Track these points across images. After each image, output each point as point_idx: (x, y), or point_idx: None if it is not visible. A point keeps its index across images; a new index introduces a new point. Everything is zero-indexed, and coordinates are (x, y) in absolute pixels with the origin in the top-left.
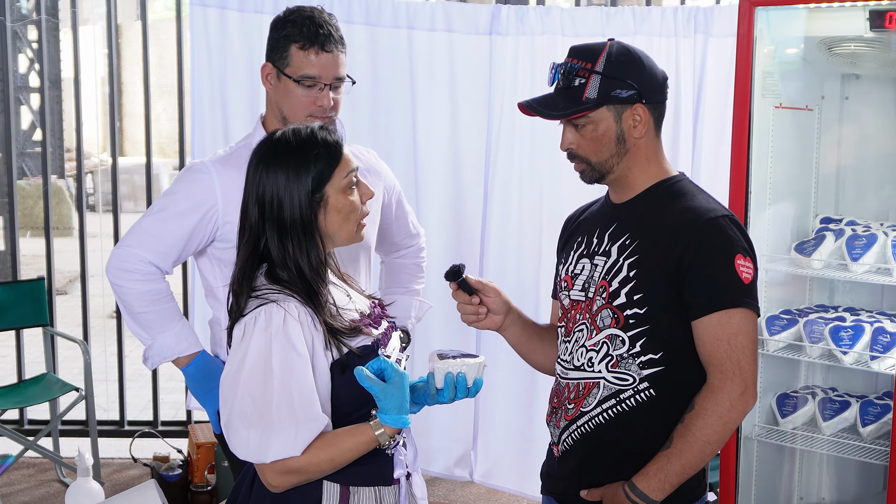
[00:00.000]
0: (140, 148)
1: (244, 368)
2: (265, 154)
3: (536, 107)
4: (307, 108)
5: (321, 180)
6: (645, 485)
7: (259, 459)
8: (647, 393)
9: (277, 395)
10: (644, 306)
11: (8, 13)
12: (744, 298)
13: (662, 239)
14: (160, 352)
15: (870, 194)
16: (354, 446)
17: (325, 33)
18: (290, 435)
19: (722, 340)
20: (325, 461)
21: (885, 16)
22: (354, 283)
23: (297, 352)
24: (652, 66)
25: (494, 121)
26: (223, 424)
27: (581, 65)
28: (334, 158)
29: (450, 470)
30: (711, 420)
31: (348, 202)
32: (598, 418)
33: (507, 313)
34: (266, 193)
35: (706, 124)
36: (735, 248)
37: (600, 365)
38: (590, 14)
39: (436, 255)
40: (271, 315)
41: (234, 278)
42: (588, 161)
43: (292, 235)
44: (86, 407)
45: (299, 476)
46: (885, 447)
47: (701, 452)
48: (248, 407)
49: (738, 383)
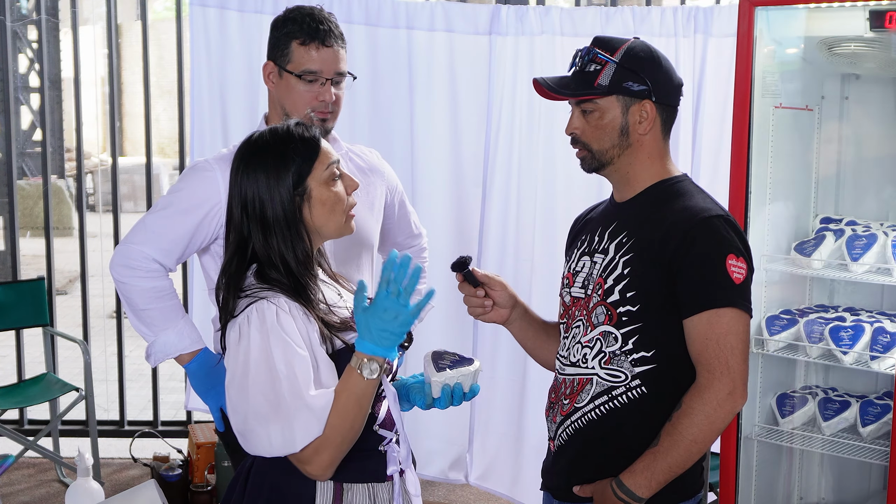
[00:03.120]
0: (140, 148)
1: (249, 371)
2: (244, 156)
3: (549, 83)
4: (309, 104)
5: (301, 175)
6: (631, 482)
7: (289, 450)
8: (639, 390)
9: (286, 386)
10: (637, 304)
11: (8, 13)
12: (734, 298)
13: (657, 237)
14: (163, 349)
15: (870, 194)
16: (349, 388)
17: (326, 29)
18: (309, 418)
19: (711, 340)
20: (335, 418)
21: (885, 16)
22: (346, 282)
23: (294, 343)
24: (669, 70)
25: (494, 121)
26: (239, 431)
27: (601, 52)
28: (312, 152)
29: (444, 473)
30: (698, 419)
31: (332, 193)
32: (591, 414)
33: (513, 307)
34: (248, 195)
35: (706, 124)
36: (727, 247)
37: (594, 361)
38: (589, 14)
39: (434, 254)
40: (263, 312)
41: (218, 278)
42: (589, 148)
43: (276, 232)
44: (86, 407)
45: (328, 449)
46: (885, 447)
47: (687, 451)
48: (262, 407)
49: (726, 383)
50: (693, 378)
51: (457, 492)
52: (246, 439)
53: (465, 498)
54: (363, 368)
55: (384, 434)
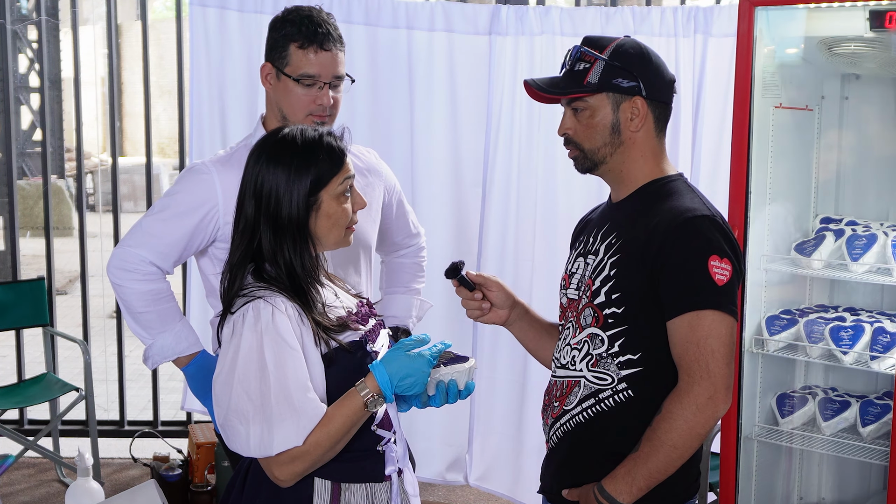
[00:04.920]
0: (140, 148)
1: (237, 367)
2: (269, 148)
3: (539, 84)
4: (307, 107)
5: (318, 184)
6: (612, 487)
7: (264, 453)
8: (626, 394)
9: (274, 388)
10: (622, 306)
11: (8, 13)
12: (717, 300)
13: (642, 237)
14: (160, 352)
15: (870, 194)
16: (347, 414)
17: (324, 32)
18: (291, 425)
19: (691, 343)
20: (323, 438)
21: (885, 16)
22: (342, 282)
23: (288, 345)
24: (660, 65)
25: (493, 121)
26: (219, 424)
27: (589, 50)
28: (336, 165)
29: (442, 475)
30: (677, 424)
31: (340, 210)
32: (579, 417)
33: (513, 308)
34: (264, 188)
35: (706, 124)
36: (710, 248)
37: (581, 364)
38: (589, 14)
39: (434, 254)
40: (259, 311)
41: (226, 266)
42: (581, 147)
43: (287, 234)
44: (86, 407)
45: (304, 462)
46: (885, 447)
47: (667, 457)
48: (244, 404)
49: (706, 387)
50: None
51: (456, 492)
52: (225, 434)
53: (465, 498)
54: (370, 402)
55: (382, 434)
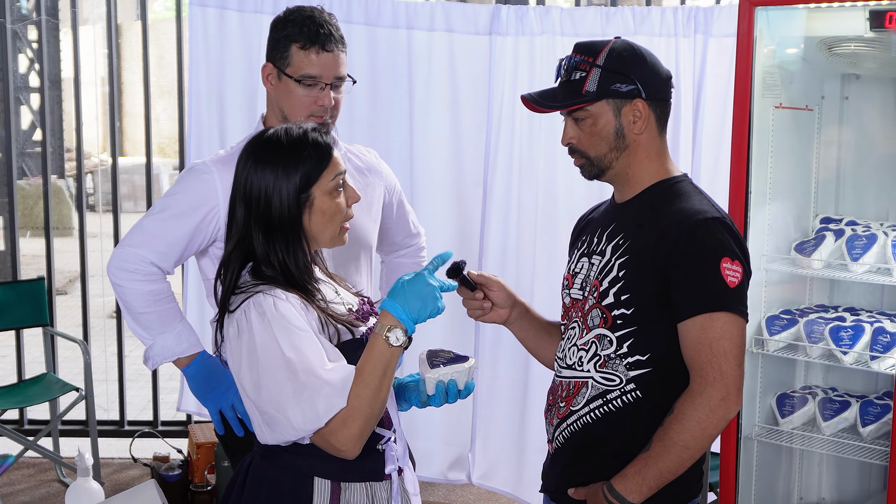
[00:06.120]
0: (140, 148)
1: (258, 362)
2: (255, 151)
3: (538, 98)
4: (308, 108)
5: (309, 181)
6: (622, 486)
7: (315, 426)
8: (634, 394)
9: (300, 367)
10: (631, 307)
11: (8, 13)
12: (728, 302)
13: (652, 239)
14: (161, 352)
15: (870, 194)
16: (375, 357)
17: (326, 33)
18: (329, 391)
19: (704, 344)
20: (362, 388)
21: (885, 16)
22: (343, 280)
23: (298, 328)
24: (655, 64)
25: (494, 121)
26: (258, 424)
27: (583, 58)
28: (324, 160)
29: (444, 474)
30: (689, 425)
31: (334, 204)
32: (586, 418)
33: (513, 307)
34: (253, 190)
35: (706, 124)
36: (721, 251)
37: (589, 364)
38: (589, 14)
39: (434, 254)
40: (261, 303)
41: (217, 271)
42: (587, 156)
43: (279, 235)
44: (86, 407)
45: (355, 420)
46: (885, 447)
47: (679, 457)
48: (276, 395)
49: (719, 388)
50: (688, 383)
51: (457, 492)
52: (270, 429)
53: (466, 498)
54: (390, 334)
55: (382, 433)
